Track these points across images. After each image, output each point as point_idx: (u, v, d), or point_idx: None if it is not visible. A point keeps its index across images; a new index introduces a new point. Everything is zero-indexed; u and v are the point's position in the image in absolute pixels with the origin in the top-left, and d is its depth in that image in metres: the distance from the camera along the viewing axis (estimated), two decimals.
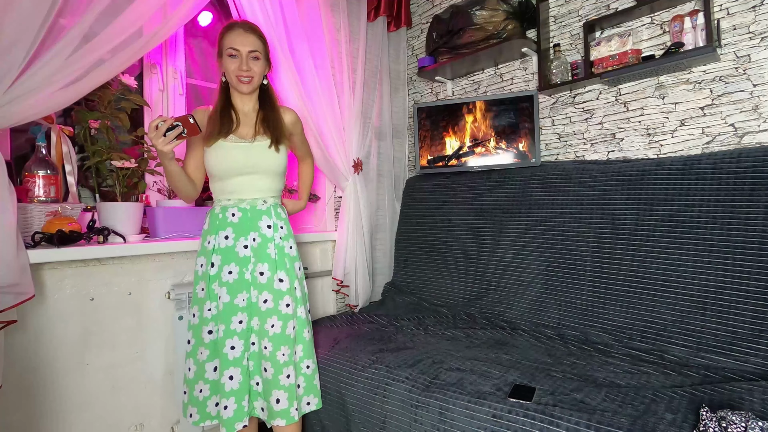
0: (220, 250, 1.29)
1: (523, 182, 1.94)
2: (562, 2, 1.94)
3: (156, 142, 1.09)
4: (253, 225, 1.31)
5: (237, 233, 1.30)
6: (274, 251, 1.32)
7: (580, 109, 1.90)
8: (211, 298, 1.28)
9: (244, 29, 1.29)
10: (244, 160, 1.29)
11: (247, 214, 1.31)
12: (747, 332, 1.28)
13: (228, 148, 1.28)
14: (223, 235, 1.29)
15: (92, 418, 1.35)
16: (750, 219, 1.33)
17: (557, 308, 1.68)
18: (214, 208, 1.34)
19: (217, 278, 1.28)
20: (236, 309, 1.27)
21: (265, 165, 1.32)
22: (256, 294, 1.28)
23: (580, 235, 1.69)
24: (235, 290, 1.28)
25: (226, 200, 1.32)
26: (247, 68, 1.27)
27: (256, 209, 1.32)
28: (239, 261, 1.29)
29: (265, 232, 1.32)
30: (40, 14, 1.13)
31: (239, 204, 1.31)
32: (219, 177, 1.30)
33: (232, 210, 1.31)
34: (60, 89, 1.19)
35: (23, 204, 1.29)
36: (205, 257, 1.31)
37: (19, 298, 1.11)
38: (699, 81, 1.59)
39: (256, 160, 1.30)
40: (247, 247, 1.30)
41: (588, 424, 0.98)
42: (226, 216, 1.30)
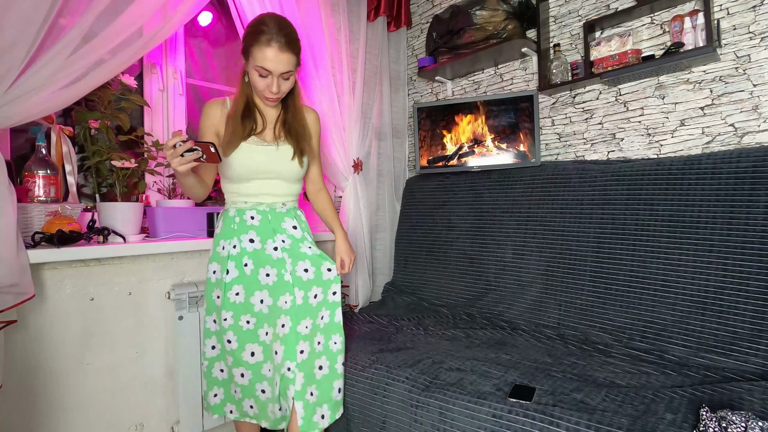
0: (248, 254, 1.24)
1: (523, 182, 1.93)
2: (562, 2, 1.94)
3: (171, 161, 1.03)
4: (276, 227, 1.27)
5: (262, 236, 1.25)
6: (310, 249, 1.30)
7: (580, 109, 1.90)
8: (227, 308, 1.23)
9: (280, 47, 1.12)
10: (267, 165, 1.24)
11: (268, 217, 1.27)
12: (747, 332, 1.28)
13: (250, 150, 1.23)
14: (246, 238, 1.24)
15: (92, 418, 1.35)
16: (750, 219, 1.33)
17: (557, 308, 1.68)
18: (228, 211, 1.28)
19: (251, 281, 1.24)
20: (280, 312, 1.24)
21: (288, 172, 1.27)
22: (303, 293, 1.25)
23: (580, 235, 1.69)
24: (277, 293, 1.24)
25: (243, 203, 1.27)
26: (277, 90, 1.19)
27: (275, 212, 1.28)
28: (274, 263, 1.25)
29: (293, 233, 1.29)
30: (40, 14, 1.13)
31: (257, 207, 1.27)
32: (237, 179, 1.25)
33: (250, 213, 1.26)
34: (60, 89, 1.19)
35: (23, 204, 1.28)
36: (219, 263, 1.26)
37: (19, 298, 1.11)
38: (699, 81, 1.59)
39: (279, 167, 1.26)
40: (278, 249, 1.25)
41: (588, 424, 0.98)
42: (244, 219, 1.25)
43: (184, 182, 1.15)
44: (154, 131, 1.74)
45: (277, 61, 1.13)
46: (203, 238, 1.61)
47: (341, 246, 1.45)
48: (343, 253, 1.45)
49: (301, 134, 1.29)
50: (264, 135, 1.27)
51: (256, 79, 1.18)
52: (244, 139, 1.22)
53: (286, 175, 1.28)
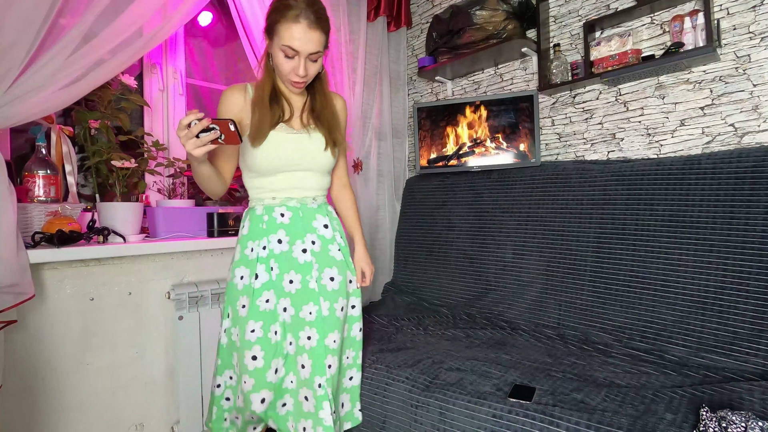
0: (275, 256, 1.13)
1: (523, 182, 1.93)
2: (562, 2, 1.94)
3: (185, 143, 0.89)
4: (307, 226, 1.16)
5: (292, 236, 1.14)
6: (339, 253, 1.19)
7: (580, 109, 1.90)
8: (255, 317, 1.10)
9: (309, 24, 1.01)
10: (299, 155, 1.12)
11: (299, 214, 1.15)
12: (747, 332, 1.28)
13: (280, 140, 1.10)
14: (275, 239, 1.13)
15: (92, 418, 1.35)
16: (750, 219, 1.33)
17: (557, 308, 1.68)
18: (254, 209, 1.17)
19: (277, 287, 1.12)
20: (303, 323, 1.13)
21: (320, 163, 1.16)
22: (329, 304, 1.14)
23: (580, 235, 1.69)
24: (300, 302, 1.12)
25: (271, 199, 1.15)
26: (304, 73, 1.05)
27: (307, 208, 1.17)
28: (300, 268, 1.13)
29: (324, 233, 1.17)
30: (40, 14, 1.13)
31: (287, 203, 1.15)
32: (264, 172, 1.13)
33: (279, 210, 1.14)
34: (60, 89, 1.19)
35: (23, 204, 1.28)
36: (248, 267, 1.13)
37: (19, 298, 1.11)
38: (699, 81, 1.59)
39: (311, 157, 1.14)
40: (306, 252, 1.14)
41: (588, 424, 0.98)
42: (273, 217, 1.14)
43: (200, 171, 1.02)
44: (154, 131, 1.74)
45: (305, 39, 1.01)
46: (203, 238, 1.61)
47: (362, 256, 1.32)
48: (363, 263, 1.32)
49: (332, 123, 1.17)
50: (292, 123, 1.15)
51: (281, 60, 1.05)
52: (273, 126, 1.10)
53: (318, 166, 1.16)
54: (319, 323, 1.12)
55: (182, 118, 0.88)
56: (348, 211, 1.37)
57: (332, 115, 1.18)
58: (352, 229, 1.36)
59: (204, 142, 0.90)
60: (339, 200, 1.37)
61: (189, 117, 0.88)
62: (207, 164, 1.02)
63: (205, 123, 0.88)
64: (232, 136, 0.92)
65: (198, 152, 0.91)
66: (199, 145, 0.90)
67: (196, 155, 0.92)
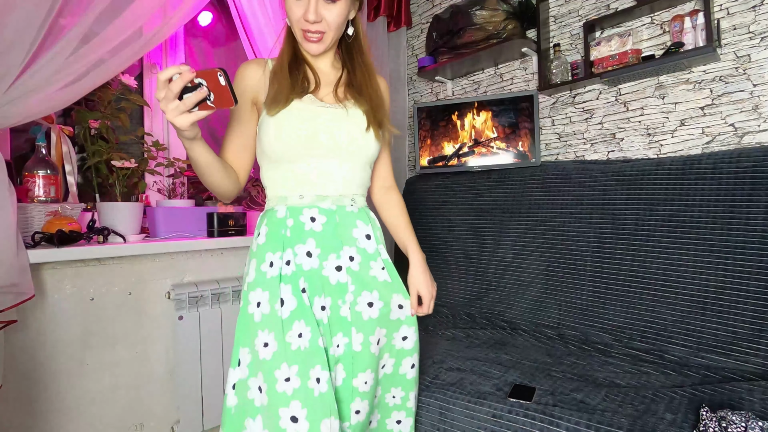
0: (305, 274, 0.85)
1: (523, 182, 1.93)
2: (562, 2, 1.94)
3: (165, 108, 0.66)
4: (345, 236, 0.89)
5: (324, 249, 0.87)
6: (383, 272, 0.93)
7: (580, 109, 1.90)
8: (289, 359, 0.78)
9: None
10: (334, 133, 0.86)
11: (334, 219, 0.88)
12: (747, 332, 1.28)
13: (306, 111, 0.86)
14: (303, 251, 0.86)
15: (92, 418, 1.35)
16: (750, 219, 1.33)
17: (557, 308, 1.68)
18: (274, 210, 0.89)
19: (309, 315, 0.83)
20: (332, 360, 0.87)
21: (361, 148, 0.89)
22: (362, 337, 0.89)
23: (580, 235, 1.69)
24: (328, 333, 0.87)
25: (298, 198, 0.88)
26: (315, 17, 0.81)
27: (345, 211, 0.90)
28: (331, 291, 0.87)
29: (365, 245, 0.91)
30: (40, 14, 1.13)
31: (319, 203, 0.88)
32: (285, 157, 0.86)
33: (309, 212, 0.87)
34: (60, 89, 1.19)
35: (23, 204, 1.28)
36: (266, 290, 0.83)
37: (19, 298, 1.11)
38: (699, 81, 1.59)
39: (350, 139, 0.88)
40: (342, 270, 0.88)
41: (588, 424, 0.98)
42: (301, 222, 0.86)
43: (194, 156, 0.77)
44: (154, 131, 1.74)
45: None
46: (203, 237, 1.61)
47: (418, 275, 1.00)
48: (421, 285, 1.00)
49: (376, 101, 0.92)
50: (320, 95, 0.91)
51: (290, 5, 0.84)
52: (298, 94, 0.86)
53: (359, 154, 0.90)
54: (348, 359, 0.87)
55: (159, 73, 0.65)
56: (398, 219, 1.06)
57: (375, 91, 0.94)
58: (405, 242, 1.06)
59: (188, 105, 0.66)
60: (385, 206, 1.08)
61: (169, 70, 0.65)
62: (202, 145, 0.76)
63: (188, 76, 0.65)
64: (223, 95, 0.68)
65: (182, 121, 0.67)
66: (183, 110, 0.66)
67: (180, 125, 0.67)
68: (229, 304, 1.62)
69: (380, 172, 1.07)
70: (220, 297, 1.60)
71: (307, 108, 0.86)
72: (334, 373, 0.87)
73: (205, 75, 0.67)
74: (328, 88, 0.93)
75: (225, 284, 1.62)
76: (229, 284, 1.63)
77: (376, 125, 0.91)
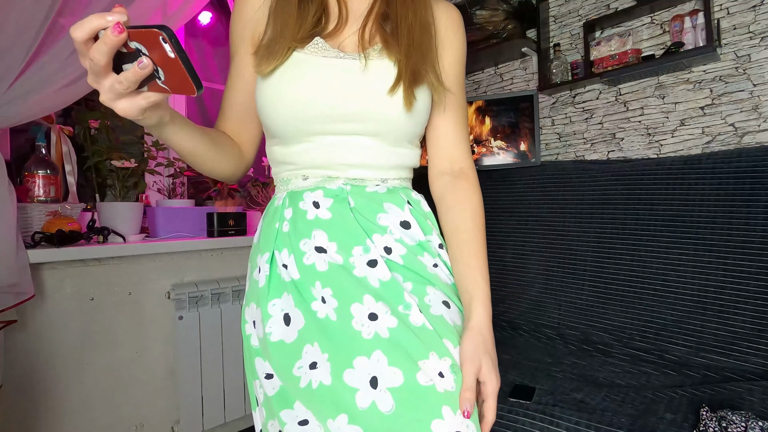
0: (321, 277, 0.59)
1: (523, 182, 1.93)
2: (562, 2, 1.94)
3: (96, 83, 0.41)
4: (367, 222, 0.62)
5: (342, 241, 0.60)
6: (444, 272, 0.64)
7: (580, 109, 1.90)
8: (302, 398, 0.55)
9: None
10: (344, 100, 0.60)
11: (347, 202, 0.62)
12: (747, 332, 1.27)
13: (311, 66, 0.60)
14: (310, 246, 0.61)
15: (92, 418, 1.35)
16: (750, 219, 1.33)
17: (557, 308, 1.68)
18: (274, 200, 0.68)
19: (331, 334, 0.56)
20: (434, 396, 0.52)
21: (387, 122, 0.62)
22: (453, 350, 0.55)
23: (580, 235, 1.69)
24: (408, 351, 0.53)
25: (301, 179, 0.64)
26: None
27: (365, 193, 0.64)
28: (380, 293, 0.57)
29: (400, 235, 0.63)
30: (40, 14, 1.13)
31: (326, 184, 0.63)
32: (285, 135, 0.63)
33: (311, 197, 0.63)
34: (60, 89, 1.19)
35: (23, 204, 1.28)
36: (260, 305, 0.62)
37: (19, 298, 1.12)
38: (699, 81, 1.59)
39: (366, 106, 0.61)
40: (377, 265, 0.59)
41: (588, 424, 0.98)
42: (301, 210, 0.63)
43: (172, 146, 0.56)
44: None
45: None
46: (203, 237, 1.61)
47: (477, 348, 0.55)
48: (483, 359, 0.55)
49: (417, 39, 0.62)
50: (340, 38, 0.64)
51: None
52: (301, 41, 0.60)
53: (382, 125, 0.62)
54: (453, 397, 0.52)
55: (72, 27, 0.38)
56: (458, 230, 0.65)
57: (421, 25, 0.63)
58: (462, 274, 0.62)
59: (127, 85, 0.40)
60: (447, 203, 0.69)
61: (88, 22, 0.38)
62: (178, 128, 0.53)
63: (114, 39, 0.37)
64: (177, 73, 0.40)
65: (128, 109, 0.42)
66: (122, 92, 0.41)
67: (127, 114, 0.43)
68: (229, 304, 1.62)
69: (441, 147, 0.72)
70: (220, 297, 1.60)
71: (310, 61, 0.60)
72: None
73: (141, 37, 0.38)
74: (354, 28, 0.64)
75: (225, 284, 1.62)
76: (229, 284, 1.63)
77: (409, 80, 0.60)
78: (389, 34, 0.63)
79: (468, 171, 0.70)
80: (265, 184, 1.88)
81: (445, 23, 0.68)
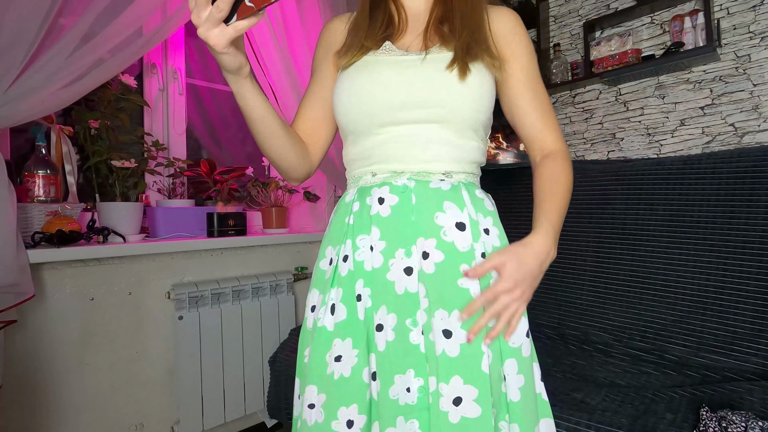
0: (365, 276, 0.65)
1: (524, 182, 1.93)
2: (562, 2, 1.94)
3: (198, 19, 0.48)
4: (423, 222, 0.64)
5: (390, 241, 0.64)
6: (476, 284, 0.63)
7: (580, 109, 1.90)
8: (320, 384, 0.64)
9: None
10: (409, 88, 0.65)
11: (409, 199, 0.65)
12: (747, 332, 1.28)
13: (378, 66, 0.67)
14: (366, 243, 0.65)
15: (92, 418, 1.35)
16: (750, 219, 1.33)
17: (557, 308, 1.68)
18: (345, 195, 0.73)
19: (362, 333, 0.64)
20: (394, 409, 0.60)
21: (449, 103, 0.65)
22: (436, 382, 0.59)
23: (580, 235, 1.69)
24: (391, 369, 0.61)
25: (371, 175, 0.69)
26: None
27: (428, 188, 0.66)
28: (397, 302, 0.62)
29: (454, 237, 0.64)
30: (40, 14, 1.12)
31: (393, 180, 0.67)
32: (357, 128, 0.69)
33: (378, 192, 0.66)
34: (60, 89, 1.19)
35: (23, 204, 1.28)
36: (322, 292, 0.69)
37: (19, 298, 1.11)
38: (699, 81, 1.59)
39: (430, 92, 0.65)
40: (412, 273, 0.62)
41: (588, 424, 0.98)
42: (368, 205, 0.67)
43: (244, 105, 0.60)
44: (154, 131, 1.74)
45: None
46: (203, 237, 1.61)
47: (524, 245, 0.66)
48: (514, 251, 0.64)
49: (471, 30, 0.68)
50: (406, 41, 0.72)
51: None
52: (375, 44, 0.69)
53: (446, 108, 0.66)
54: (424, 415, 0.58)
55: None
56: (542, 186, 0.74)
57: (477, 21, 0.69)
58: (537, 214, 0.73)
59: (222, 9, 0.47)
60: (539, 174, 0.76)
61: None
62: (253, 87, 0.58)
63: None
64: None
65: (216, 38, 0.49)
66: (218, 20, 0.48)
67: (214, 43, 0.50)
68: (229, 304, 1.62)
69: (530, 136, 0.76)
70: (220, 297, 1.60)
71: (380, 61, 0.67)
72: None
73: None
74: (417, 32, 0.72)
75: (225, 284, 1.62)
76: (229, 284, 1.63)
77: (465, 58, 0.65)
78: (447, 32, 0.69)
79: (557, 153, 0.73)
80: (265, 184, 1.88)
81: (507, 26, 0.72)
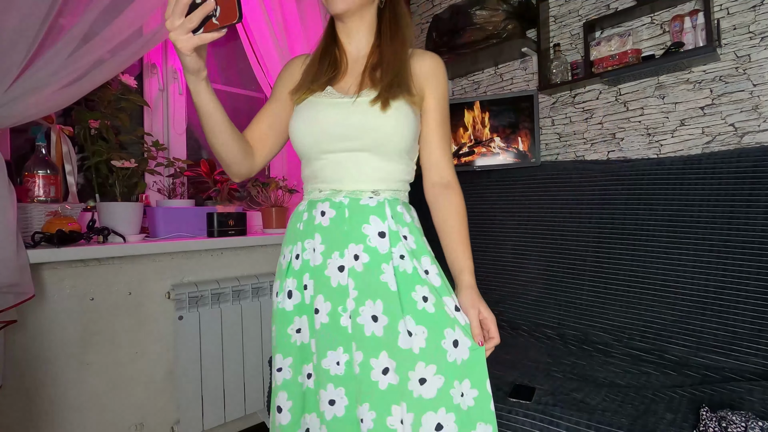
0: (310, 270, 0.82)
1: (523, 182, 1.93)
2: (562, 2, 1.94)
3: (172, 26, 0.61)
4: (353, 232, 0.79)
5: (328, 245, 0.80)
6: (393, 279, 0.77)
7: (580, 109, 1.90)
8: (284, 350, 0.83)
9: None
10: (343, 124, 0.80)
11: (343, 213, 0.80)
12: (747, 332, 1.28)
13: (320, 106, 0.82)
14: (311, 246, 0.82)
15: (92, 418, 1.35)
16: (750, 219, 1.33)
17: (557, 308, 1.68)
18: (300, 205, 0.89)
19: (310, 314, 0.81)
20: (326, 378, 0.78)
21: (373, 134, 0.79)
22: (362, 357, 0.75)
23: (580, 235, 1.69)
24: (325, 345, 0.78)
25: (318, 192, 0.85)
26: None
27: (358, 205, 0.81)
28: (332, 293, 0.79)
29: (376, 243, 0.78)
30: (40, 14, 1.13)
31: (333, 197, 0.82)
32: (307, 154, 0.84)
33: (321, 206, 0.82)
34: (60, 89, 1.19)
35: (23, 204, 1.29)
36: (280, 280, 0.86)
37: (19, 298, 1.12)
38: (699, 81, 1.59)
39: (359, 127, 0.79)
40: (344, 270, 0.79)
41: (588, 424, 0.98)
42: (313, 215, 0.83)
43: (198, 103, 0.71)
44: (154, 131, 1.74)
45: None
46: (203, 237, 1.61)
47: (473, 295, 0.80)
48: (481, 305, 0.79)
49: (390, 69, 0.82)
50: (345, 85, 0.85)
51: None
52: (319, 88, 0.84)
53: (373, 140, 0.80)
54: (350, 383, 0.76)
55: None
56: (446, 224, 0.87)
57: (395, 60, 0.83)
58: (451, 256, 0.85)
59: (193, 21, 0.60)
60: (434, 207, 0.91)
61: None
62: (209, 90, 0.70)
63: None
64: (229, 8, 0.59)
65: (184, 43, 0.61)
66: (188, 29, 0.60)
67: (181, 47, 0.61)
68: (229, 304, 1.62)
69: (432, 163, 0.90)
70: (220, 297, 1.61)
71: (323, 102, 0.82)
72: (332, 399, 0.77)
73: None
74: (356, 73, 0.86)
75: (225, 284, 1.62)
76: (229, 284, 1.63)
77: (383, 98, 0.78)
78: (377, 77, 0.83)
79: (452, 182, 0.91)
80: (265, 184, 1.88)
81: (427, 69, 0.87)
